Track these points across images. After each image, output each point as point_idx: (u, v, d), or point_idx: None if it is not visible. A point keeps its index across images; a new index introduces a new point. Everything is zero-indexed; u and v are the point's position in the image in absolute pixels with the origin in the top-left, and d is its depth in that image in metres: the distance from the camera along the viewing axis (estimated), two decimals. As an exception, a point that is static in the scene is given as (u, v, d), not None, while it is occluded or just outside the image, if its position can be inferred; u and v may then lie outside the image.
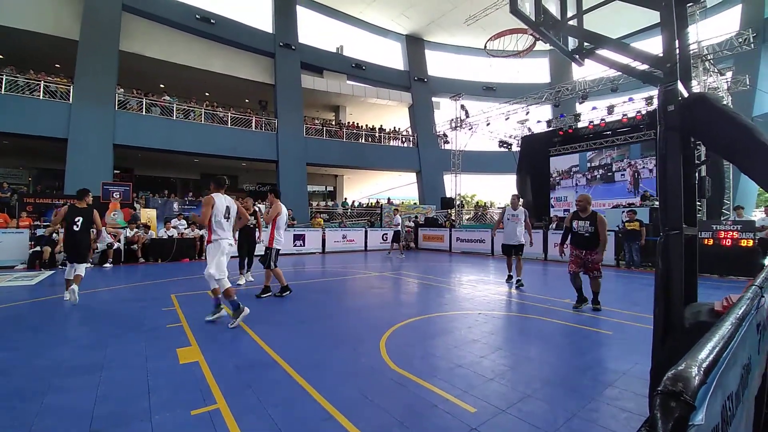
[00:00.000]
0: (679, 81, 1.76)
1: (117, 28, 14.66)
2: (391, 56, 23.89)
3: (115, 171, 15.35)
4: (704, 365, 0.51)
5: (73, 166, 13.19)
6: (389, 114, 24.43)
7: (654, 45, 1.92)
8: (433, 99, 23.79)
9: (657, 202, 9.89)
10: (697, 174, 2.01)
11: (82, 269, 5.44)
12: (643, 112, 13.29)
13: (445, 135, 19.64)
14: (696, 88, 10.19)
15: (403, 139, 23.04)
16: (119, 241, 10.13)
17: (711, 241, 8.30)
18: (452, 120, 18.89)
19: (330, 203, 22.38)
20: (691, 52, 9.56)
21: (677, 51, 1.81)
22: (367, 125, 22.61)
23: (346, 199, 24.23)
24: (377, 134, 22.16)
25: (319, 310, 5.08)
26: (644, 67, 2.03)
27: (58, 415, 2.23)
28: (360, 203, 23.47)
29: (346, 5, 20.71)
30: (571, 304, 5.34)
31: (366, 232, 15.33)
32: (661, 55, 1.80)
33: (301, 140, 18.82)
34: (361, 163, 20.76)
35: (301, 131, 18.94)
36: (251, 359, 3.19)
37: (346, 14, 21.40)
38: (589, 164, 15.94)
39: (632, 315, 4.70)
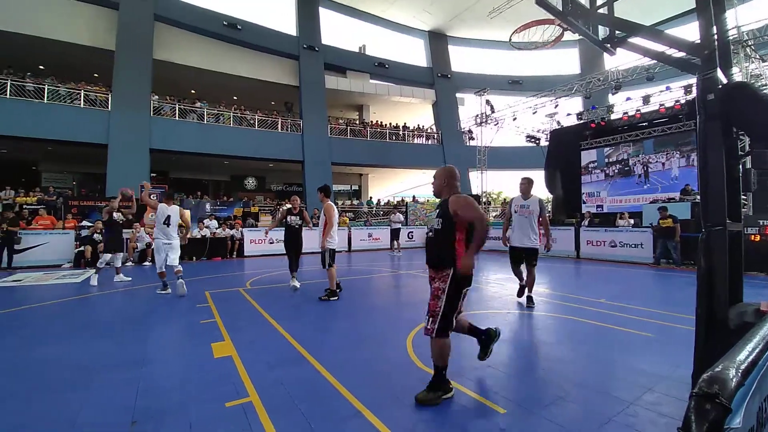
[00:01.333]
0: (718, 68, 1.66)
1: (150, 37, 15.36)
2: (414, 53, 23.75)
3: (152, 174, 16.11)
4: (742, 367, 0.49)
5: (113, 170, 13.95)
6: (413, 112, 24.31)
7: (690, 31, 1.81)
8: (457, 95, 23.47)
9: (699, 197, 9.36)
10: (741, 166, 1.89)
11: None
12: (682, 102, 12.57)
13: (470, 131, 19.33)
14: (737, 75, 9.53)
15: (427, 136, 22.87)
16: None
17: (758, 237, 7.77)
18: (477, 116, 18.56)
19: (355, 202, 22.56)
20: (731, 38, 8.95)
21: (715, 37, 1.70)
22: (390, 123, 22.60)
23: (371, 197, 24.33)
24: (401, 132, 22.10)
25: (346, 307, 5.14)
26: (681, 54, 1.93)
27: (101, 407, 2.38)
28: (386, 202, 23.53)
29: (368, 4, 20.75)
30: (606, 303, 5.15)
31: (391, 230, 15.33)
32: (698, 41, 1.70)
33: (325, 140, 19.07)
34: (386, 162, 20.78)
35: (325, 131, 19.18)
36: (281, 355, 3.28)
37: (369, 13, 21.45)
38: (607, 159, 15.33)
39: (674, 316, 4.48)
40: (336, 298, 5.52)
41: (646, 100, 13.49)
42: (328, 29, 20.29)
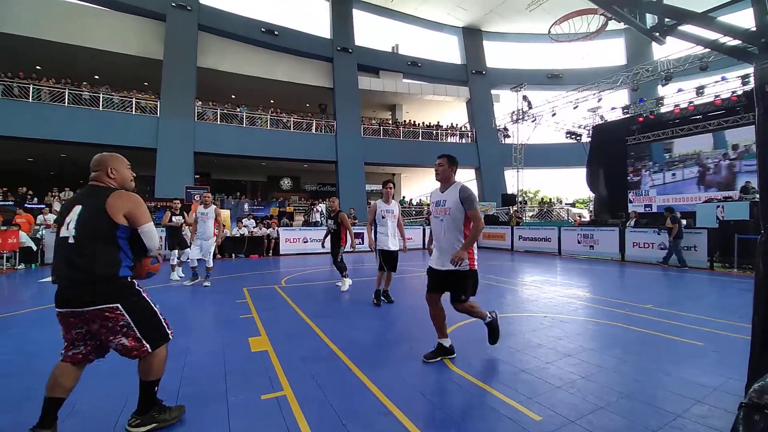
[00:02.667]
0: (780, 56, 1.52)
1: (194, 46, 16.24)
2: (447, 51, 23.49)
3: (196, 176, 17.00)
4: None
5: (161, 172, 14.88)
6: (446, 110, 24.03)
7: (745, 18, 1.66)
8: (493, 92, 22.94)
9: (758, 195, 8.60)
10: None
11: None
12: (739, 93, 11.57)
13: (505, 129, 18.85)
14: None
15: (461, 135, 22.52)
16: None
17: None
18: (513, 112, 18.07)
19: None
20: None
21: (775, 23, 1.55)
22: (423, 123, 22.48)
23: (404, 197, 24.32)
24: (434, 131, 21.92)
25: (379, 306, 5.18)
26: (736, 42, 1.77)
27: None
28: (419, 201, 23.43)
29: (401, 3, 20.75)
30: (653, 309, 4.85)
31: (424, 230, 15.26)
32: (754, 29, 1.56)
33: (358, 140, 19.28)
34: (419, 161, 20.70)
35: (358, 132, 19.40)
36: (315, 351, 3.36)
37: (401, 12, 21.44)
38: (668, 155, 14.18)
39: (727, 324, 4.14)
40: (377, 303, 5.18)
41: (699, 91, 12.54)
42: (361, 30, 20.52)
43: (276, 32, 17.97)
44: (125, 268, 2.01)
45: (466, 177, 23.99)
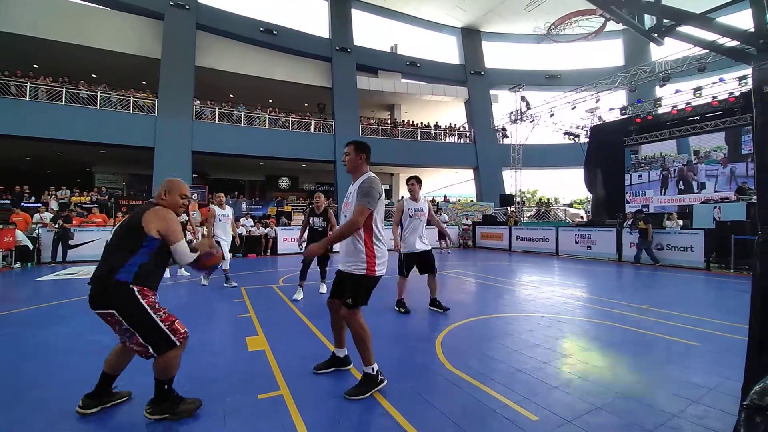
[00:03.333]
0: (778, 57, 1.52)
1: (192, 45, 16.17)
2: (446, 51, 23.47)
3: (193, 175, 16.96)
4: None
5: (159, 171, 14.82)
6: (445, 110, 24.03)
7: (744, 19, 1.67)
8: (491, 92, 22.95)
9: (755, 196, 8.66)
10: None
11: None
12: (737, 94, 11.62)
13: (503, 129, 18.89)
14: None
15: (459, 135, 22.53)
16: (197, 238, 11.20)
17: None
18: (512, 113, 18.10)
19: (386, 202, 22.63)
20: None
21: (773, 24, 1.56)
22: (422, 123, 22.48)
23: (402, 197, 24.29)
24: (432, 131, 21.92)
25: (376, 306, 5.16)
26: (734, 43, 1.78)
27: (146, 392, 2.53)
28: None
29: (400, 3, 20.73)
30: (650, 310, 4.86)
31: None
32: (753, 30, 1.57)
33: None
34: (417, 161, 20.70)
35: (357, 131, 19.38)
36: (312, 351, 3.35)
37: (400, 12, 21.42)
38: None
39: (723, 324, 4.16)
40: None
41: (697, 92, 12.60)
42: (360, 30, 20.49)
43: (275, 32, 17.94)
44: (125, 273, 2.07)
45: (464, 177, 24.04)
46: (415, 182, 4.75)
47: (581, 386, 2.63)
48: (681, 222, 10.81)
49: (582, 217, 18.97)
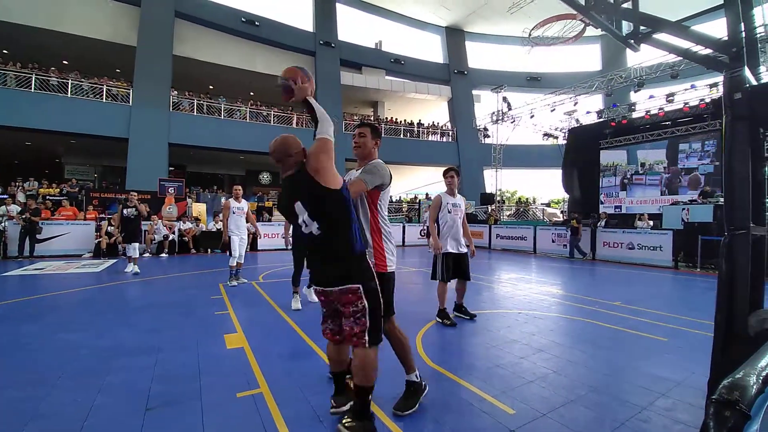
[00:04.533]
0: (746, 66, 1.60)
1: (170, 34, 15.65)
2: (430, 49, 23.57)
3: (170, 168, 16.45)
4: (764, 374, 0.47)
5: (133, 164, 14.31)
6: (428, 108, 24.15)
7: (717, 28, 1.75)
8: (474, 92, 23.22)
9: (721, 199, 9.05)
10: (766, 168, 1.82)
11: None
12: (707, 101, 12.15)
13: (485, 129, 19.13)
14: (765, 74, 9.14)
15: (442, 133, 22.71)
16: (173, 233, 10.89)
17: (787, 242, 7.47)
18: (493, 113, 18.35)
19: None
20: (759, 35, 8.59)
21: (743, 34, 1.64)
22: (405, 120, 22.53)
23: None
24: (416, 129, 22.01)
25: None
26: (707, 51, 1.86)
27: (118, 391, 2.46)
28: (399, 198, 23.51)
29: (385, 0, 20.66)
30: (622, 306, 5.04)
31: (404, 227, 15.34)
32: (726, 38, 1.64)
33: (340, 136, 18.98)
34: (400, 159, 20.73)
35: (340, 127, 19.24)
36: (291, 348, 3.32)
37: (386, 9, 21.37)
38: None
39: (690, 321, 4.36)
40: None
41: (669, 98, 13.09)
42: (344, 25, 20.32)
43: (257, 23, 17.56)
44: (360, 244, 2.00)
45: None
46: (454, 174, 4.28)
47: (556, 380, 2.71)
48: (651, 222, 11.25)
49: (559, 217, 19.47)
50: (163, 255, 10.23)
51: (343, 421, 1.90)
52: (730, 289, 1.61)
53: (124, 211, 7.25)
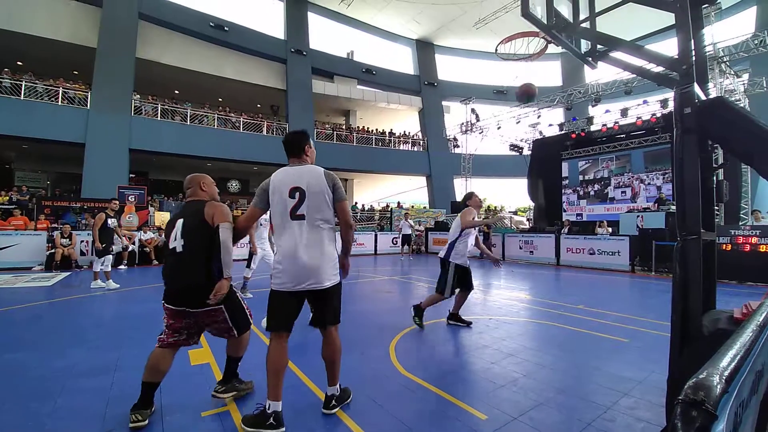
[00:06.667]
0: (695, 83, 1.73)
1: (134, 36, 15.04)
2: (402, 61, 23.97)
3: (131, 175, 15.67)
4: (726, 374, 0.49)
5: (90, 170, 13.51)
6: (399, 118, 24.47)
7: (669, 47, 1.89)
8: (444, 103, 23.78)
9: (673, 207, 9.68)
10: (714, 178, 1.97)
11: None
12: (658, 115, 13.07)
13: (455, 139, 19.59)
14: (712, 90, 9.99)
15: (413, 143, 23.04)
16: (133, 243, 10.32)
17: (729, 247, 8.09)
18: (462, 124, 18.83)
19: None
20: (707, 54, 9.39)
21: (693, 53, 1.78)
22: (377, 129, 22.69)
23: (356, 202, 24.29)
24: (387, 138, 22.20)
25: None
26: (659, 69, 2.00)
27: (71, 415, 2.27)
28: (370, 207, 23.52)
29: (357, 11, 20.88)
30: (585, 309, 5.25)
31: (376, 235, 15.33)
32: (677, 57, 1.77)
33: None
34: (372, 167, 20.82)
35: (312, 136, 19.05)
36: (261, 362, 3.19)
37: (357, 20, 21.57)
38: (582, 177, 15.97)
39: (649, 322, 4.60)
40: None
41: (624, 112, 13.98)
42: (316, 34, 20.31)
43: (226, 28, 17.21)
44: (217, 271, 2.30)
45: (417, 184, 24.56)
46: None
47: (526, 384, 2.77)
48: (610, 229, 11.86)
49: (525, 224, 20.14)
50: (122, 267, 9.64)
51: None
52: (684, 292, 1.71)
53: (108, 221, 6.62)
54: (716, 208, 8.93)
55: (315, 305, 2.37)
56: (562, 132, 16.59)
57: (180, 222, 2.33)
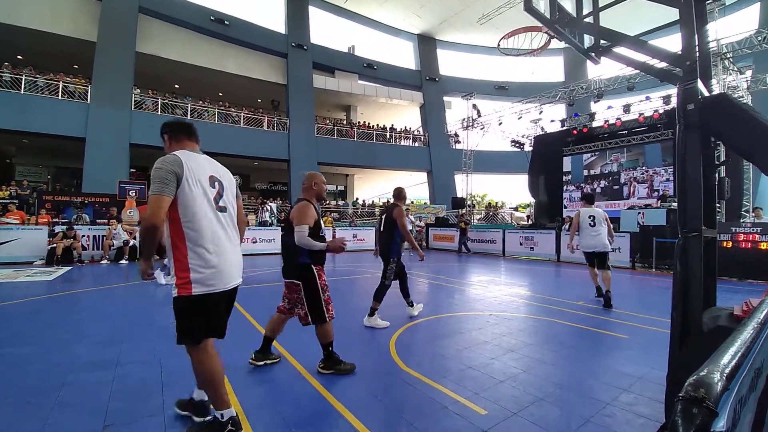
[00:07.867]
0: (698, 79, 1.72)
1: (134, 29, 14.96)
2: (403, 56, 23.85)
3: (131, 169, 15.66)
4: (727, 371, 0.49)
5: (90, 165, 13.51)
6: (400, 113, 24.38)
7: (672, 43, 1.88)
8: (445, 98, 23.67)
9: (675, 203, 9.64)
10: (716, 175, 1.96)
11: None
12: (661, 111, 13.00)
13: (456, 135, 19.52)
14: (715, 86, 9.93)
15: (414, 138, 22.98)
16: (134, 238, 10.34)
17: (730, 244, 8.08)
18: (464, 119, 18.75)
19: (341, 202, 22.48)
20: (710, 50, 9.33)
21: (696, 49, 1.76)
22: (378, 125, 22.62)
23: (357, 198, 24.28)
24: (388, 134, 22.13)
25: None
26: (662, 65, 1.98)
27: (73, 409, 2.29)
28: (370, 203, 23.52)
29: (358, 5, 20.75)
30: (585, 306, 5.25)
31: (376, 231, 15.33)
32: (680, 52, 1.76)
33: (312, 140, 18.93)
34: (372, 163, 20.78)
35: (312, 131, 19.05)
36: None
37: (358, 14, 21.44)
38: (587, 171, 15.84)
39: (649, 318, 4.60)
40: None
41: (626, 109, 13.89)
42: (317, 28, 20.19)
43: (227, 22, 17.12)
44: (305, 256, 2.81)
45: (418, 179, 24.53)
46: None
47: (526, 380, 2.78)
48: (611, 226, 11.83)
49: (525, 221, 20.13)
50: (123, 262, 9.68)
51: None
52: (684, 289, 1.71)
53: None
54: (717, 205, 8.93)
55: (227, 307, 2.15)
56: (564, 128, 16.52)
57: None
